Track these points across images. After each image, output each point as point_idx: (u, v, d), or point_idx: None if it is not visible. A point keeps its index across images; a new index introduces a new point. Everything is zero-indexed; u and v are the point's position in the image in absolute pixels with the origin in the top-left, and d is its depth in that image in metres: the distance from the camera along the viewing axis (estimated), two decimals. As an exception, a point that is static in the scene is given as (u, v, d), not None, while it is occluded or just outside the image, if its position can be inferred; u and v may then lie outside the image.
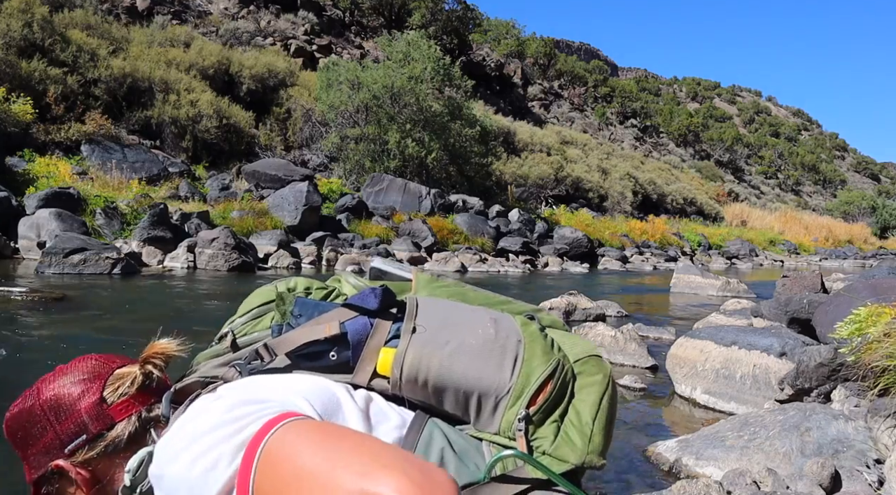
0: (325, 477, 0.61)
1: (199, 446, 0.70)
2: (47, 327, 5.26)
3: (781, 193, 49.81)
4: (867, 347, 2.85)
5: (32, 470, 0.92)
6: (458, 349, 0.85)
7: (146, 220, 10.46)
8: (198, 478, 0.68)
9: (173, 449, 0.72)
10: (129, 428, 0.89)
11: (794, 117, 76.81)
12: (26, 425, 0.92)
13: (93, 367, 0.95)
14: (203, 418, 0.73)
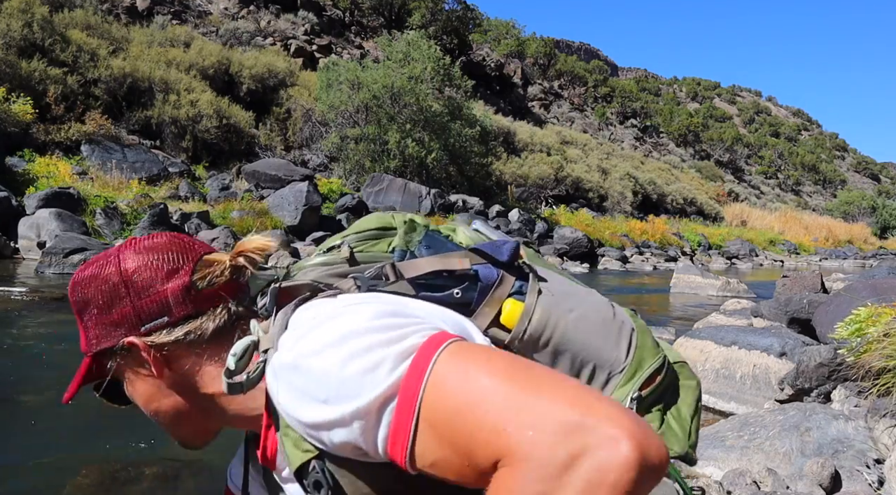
0: (527, 404, 0.58)
1: (354, 346, 0.66)
2: (47, 327, 5.26)
3: (781, 193, 49.81)
4: (867, 347, 2.85)
5: (95, 340, 0.86)
6: (582, 318, 0.86)
7: (146, 220, 10.46)
8: (352, 378, 0.65)
9: (316, 344, 0.69)
10: (215, 320, 0.84)
11: (794, 117, 76.82)
12: (102, 292, 0.84)
13: (180, 247, 0.87)
14: (349, 319, 0.70)
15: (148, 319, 0.83)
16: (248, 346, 0.78)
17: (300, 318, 0.76)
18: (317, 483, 0.74)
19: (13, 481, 2.58)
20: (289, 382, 0.70)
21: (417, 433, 0.63)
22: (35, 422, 3.20)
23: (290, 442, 0.75)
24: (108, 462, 2.74)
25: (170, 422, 0.89)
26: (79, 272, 0.87)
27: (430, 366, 0.63)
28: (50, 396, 3.61)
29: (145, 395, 0.87)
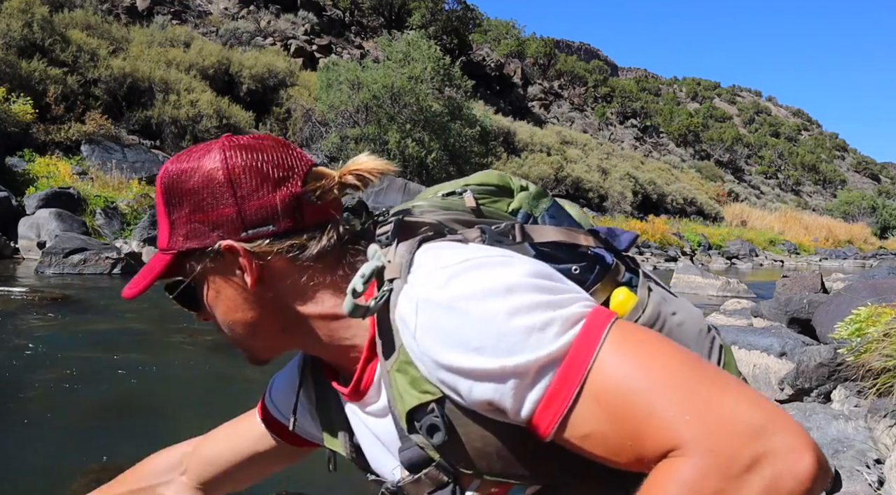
0: (713, 398, 0.58)
1: (520, 300, 0.64)
2: (47, 327, 5.26)
3: (781, 193, 49.81)
4: (867, 347, 2.85)
5: (184, 238, 0.78)
6: (683, 324, 0.85)
7: (146, 220, 10.46)
8: (516, 333, 0.63)
9: (476, 289, 0.66)
10: (322, 238, 0.78)
11: (794, 117, 76.82)
12: (203, 188, 0.77)
13: (290, 154, 0.80)
14: (509, 271, 0.67)
15: (251, 225, 0.77)
16: (374, 271, 0.74)
17: (431, 257, 0.73)
18: (432, 426, 0.71)
19: (12, 481, 2.58)
20: (435, 321, 0.67)
21: (577, 402, 0.62)
22: (35, 423, 3.20)
23: (405, 380, 0.72)
24: (108, 462, 2.74)
25: (245, 335, 0.84)
26: (175, 162, 0.80)
27: (602, 338, 0.62)
28: (50, 397, 3.61)
29: (228, 304, 0.81)
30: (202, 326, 5.88)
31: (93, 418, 3.35)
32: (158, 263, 0.81)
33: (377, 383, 0.79)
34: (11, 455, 2.80)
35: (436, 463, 0.75)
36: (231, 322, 0.82)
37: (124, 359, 4.48)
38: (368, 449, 0.89)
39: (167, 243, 0.80)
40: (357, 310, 0.73)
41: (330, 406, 0.93)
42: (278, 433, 1.04)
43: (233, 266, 0.78)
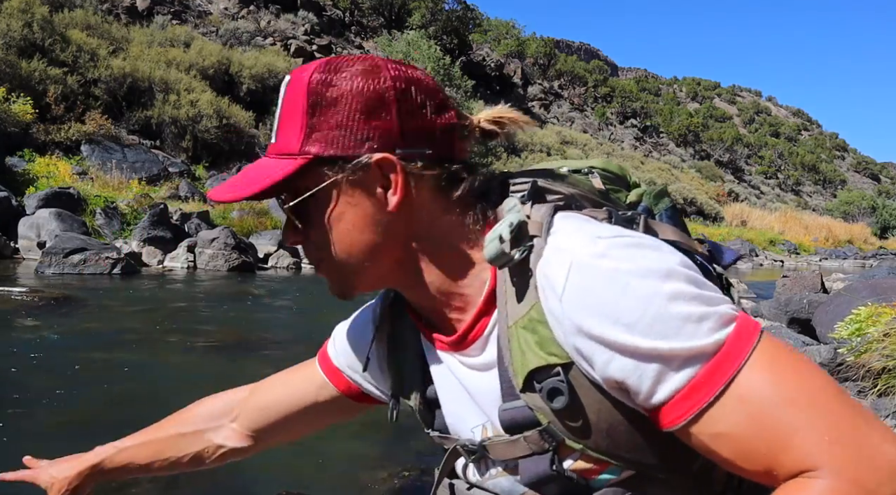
0: (861, 430, 0.58)
1: (680, 287, 0.64)
2: (47, 327, 5.26)
3: (781, 193, 49.80)
4: (867, 347, 2.85)
5: (325, 143, 0.73)
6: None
7: (146, 220, 10.46)
8: (673, 319, 0.63)
9: (639, 265, 0.65)
10: (469, 177, 0.77)
11: (794, 117, 76.82)
12: (366, 93, 0.73)
13: (439, 85, 0.79)
14: (667, 257, 0.67)
15: (408, 144, 0.73)
16: (519, 223, 0.72)
17: (573, 225, 0.73)
18: (555, 390, 0.70)
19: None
20: (589, 287, 0.66)
21: (719, 399, 0.62)
22: (35, 423, 3.20)
23: (533, 339, 0.70)
24: (108, 462, 2.74)
25: (357, 261, 0.76)
26: (328, 65, 0.76)
27: (754, 343, 0.63)
28: (50, 396, 3.61)
29: (356, 222, 0.75)
30: (202, 326, 5.91)
31: (93, 418, 3.35)
32: (280, 168, 0.73)
33: (487, 336, 0.77)
34: (11, 454, 2.80)
35: (542, 427, 0.73)
36: (350, 243, 0.75)
37: (124, 358, 4.48)
38: (449, 403, 0.86)
39: (299, 147, 0.73)
40: (500, 258, 0.71)
41: (406, 356, 0.90)
42: (338, 384, 1.01)
43: (376, 182, 0.73)
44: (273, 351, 5.14)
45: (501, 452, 0.78)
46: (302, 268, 11.18)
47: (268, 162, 0.76)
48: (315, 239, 0.77)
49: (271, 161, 0.76)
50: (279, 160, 0.75)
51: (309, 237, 0.78)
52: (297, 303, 7.74)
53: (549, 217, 0.74)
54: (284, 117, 0.77)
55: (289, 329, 6.34)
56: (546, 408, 0.71)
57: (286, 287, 9.29)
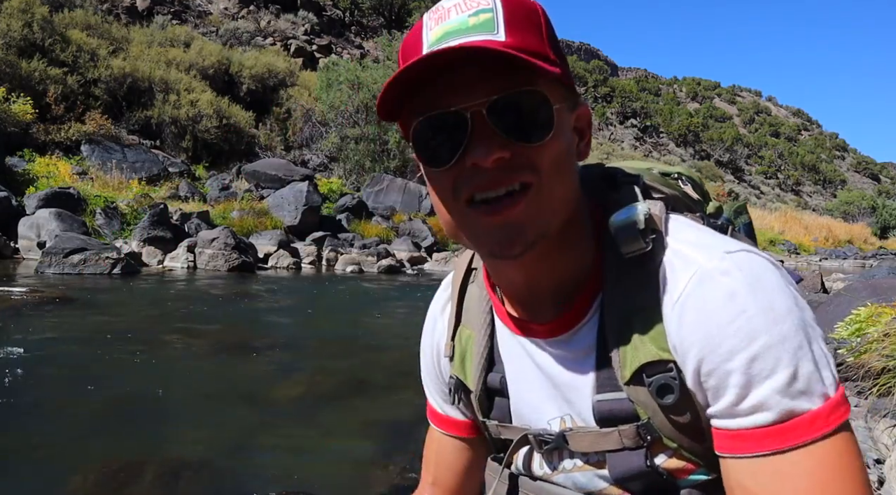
0: None
1: (807, 322, 0.64)
2: (47, 327, 5.26)
3: (781, 193, 49.81)
4: (867, 347, 2.85)
5: (565, 71, 0.70)
6: None
7: (146, 220, 10.46)
8: (792, 349, 0.62)
9: (762, 295, 0.64)
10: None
11: (794, 117, 76.83)
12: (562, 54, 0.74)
13: None
14: (782, 287, 0.66)
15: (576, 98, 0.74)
16: (649, 213, 0.72)
17: (691, 230, 0.73)
18: (666, 386, 0.68)
19: (13, 481, 2.58)
20: (708, 300, 0.65)
21: (793, 451, 0.62)
22: (35, 423, 3.20)
23: (648, 332, 0.69)
24: (108, 462, 2.74)
25: (568, 189, 0.70)
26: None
27: (840, 425, 0.63)
28: (50, 396, 3.61)
29: (570, 153, 0.71)
30: (202, 326, 5.90)
31: (93, 418, 3.35)
32: (542, 64, 0.64)
33: (585, 323, 0.75)
34: (12, 454, 2.80)
35: (642, 422, 0.71)
36: (567, 170, 0.70)
37: (124, 358, 4.48)
38: (523, 391, 0.83)
39: (553, 57, 0.68)
40: (634, 244, 0.70)
41: (470, 345, 0.87)
42: (464, 432, 0.96)
43: (571, 126, 0.72)
44: (273, 351, 5.14)
45: (588, 444, 0.76)
46: (302, 268, 11.18)
47: (504, 51, 0.63)
48: (532, 157, 0.66)
49: (512, 51, 0.63)
50: (528, 57, 0.63)
51: (521, 154, 0.66)
52: (297, 303, 7.74)
53: (666, 215, 0.75)
54: (516, 19, 0.66)
55: (289, 329, 6.33)
56: (651, 404, 0.70)
57: (286, 287, 9.29)
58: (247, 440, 3.16)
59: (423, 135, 0.69)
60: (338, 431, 3.37)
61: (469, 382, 0.87)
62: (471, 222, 0.69)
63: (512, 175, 0.66)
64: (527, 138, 0.66)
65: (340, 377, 4.48)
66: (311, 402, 3.87)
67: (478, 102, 0.65)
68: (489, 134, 0.65)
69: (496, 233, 0.67)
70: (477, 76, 0.65)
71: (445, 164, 0.68)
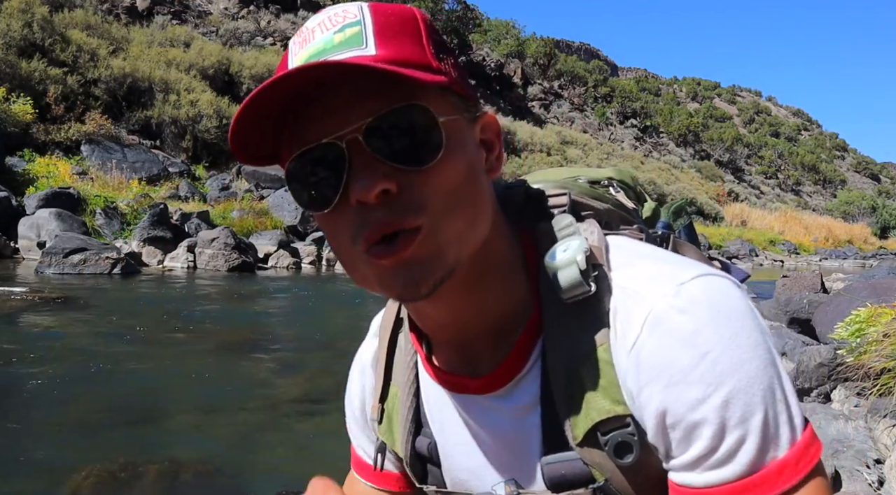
0: None
1: (763, 375, 0.57)
2: (47, 327, 5.26)
3: (781, 193, 49.81)
4: (867, 348, 2.85)
5: (456, 77, 0.62)
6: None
7: (146, 220, 10.46)
8: (747, 407, 0.57)
9: (724, 331, 0.58)
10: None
11: (794, 117, 76.85)
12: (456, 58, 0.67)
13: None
14: (747, 311, 0.60)
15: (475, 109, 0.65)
16: (588, 247, 0.64)
17: (635, 254, 0.66)
18: (624, 445, 0.62)
19: (13, 481, 2.58)
20: (666, 345, 0.59)
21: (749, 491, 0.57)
22: (35, 422, 3.20)
23: (600, 384, 0.62)
24: (108, 462, 2.74)
25: (469, 218, 0.60)
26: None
27: (810, 470, 0.58)
28: (50, 396, 3.61)
29: (468, 173, 0.61)
30: (202, 326, 5.90)
31: (93, 418, 3.34)
32: (425, 75, 0.57)
33: (525, 374, 0.67)
34: (12, 454, 2.80)
35: (598, 485, 0.64)
36: (464, 189, 0.60)
37: (124, 358, 4.48)
38: (460, 455, 0.75)
39: (436, 64, 0.60)
40: (577, 288, 0.62)
41: (396, 403, 0.79)
42: (387, 483, 0.87)
43: (475, 140, 0.64)
44: (273, 351, 5.14)
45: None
46: (302, 268, 11.18)
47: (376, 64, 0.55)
48: (424, 183, 0.58)
49: (382, 65, 0.55)
50: (402, 68, 0.56)
51: (410, 182, 0.57)
52: (297, 303, 7.74)
53: (605, 243, 0.67)
54: (388, 29, 0.59)
55: (289, 329, 6.33)
56: (608, 465, 0.63)
57: (286, 287, 9.29)
58: (247, 440, 3.16)
59: (298, 175, 0.60)
60: (338, 431, 3.37)
61: (398, 449, 0.79)
62: (374, 270, 0.60)
63: (398, 218, 0.57)
64: (414, 161, 0.57)
65: (340, 377, 4.47)
66: (311, 402, 3.87)
67: (352, 128, 0.56)
68: (369, 162, 0.56)
69: (398, 274, 0.59)
70: (350, 99, 0.57)
71: (329, 206, 0.59)
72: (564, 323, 0.65)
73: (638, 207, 0.86)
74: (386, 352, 0.81)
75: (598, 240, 0.66)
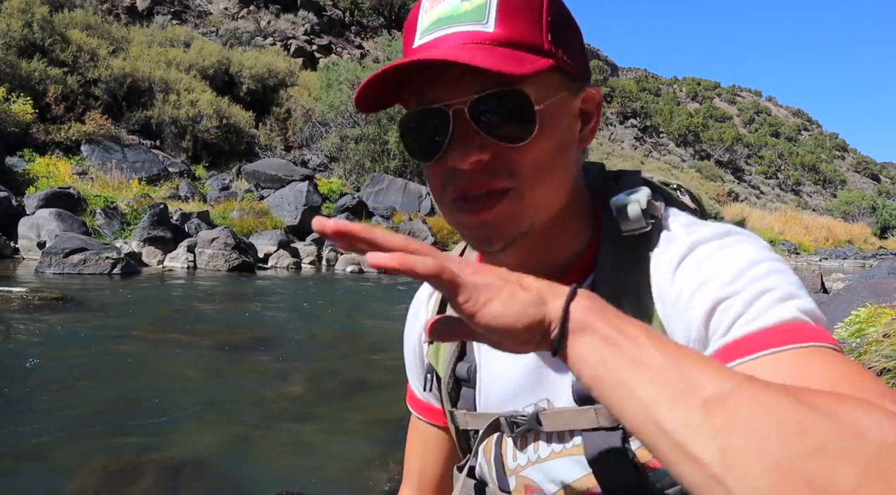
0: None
1: (781, 267, 0.64)
2: (47, 327, 5.26)
3: (781, 193, 49.80)
4: (867, 348, 2.85)
5: (569, 57, 0.68)
6: None
7: (146, 220, 10.46)
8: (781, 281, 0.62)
9: (752, 250, 0.65)
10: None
11: (794, 117, 76.83)
12: (579, 32, 0.75)
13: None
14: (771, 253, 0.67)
15: (588, 78, 0.74)
16: (650, 196, 0.73)
17: (688, 218, 0.74)
18: None
19: (13, 481, 2.58)
20: (707, 257, 0.66)
21: (814, 347, 0.58)
22: (35, 422, 3.20)
23: (639, 309, 0.68)
24: (108, 462, 2.74)
25: (553, 187, 0.69)
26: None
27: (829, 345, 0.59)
28: (50, 396, 3.61)
29: (561, 145, 0.69)
30: (202, 326, 5.90)
31: (93, 418, 3.35)
32: (527, 60, 0.63)
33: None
34: (12, 453, 2.80)
35: None
36: (553, 167, 0.68)
37: (124, 358, 4.48)
38: (499, 379, 0.81)
39: (548, 46, 0.65)
40: (636, 222, 0.71)
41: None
42: (440, 420, 0.95)
43: (574, 113, 0.71)
44: (273, 351, 5.14)
45: (562, 423, 0.73)
46: (302, 268, 11.18)
47: (490, 47, 0.63)
48: (515, 157, 0.65)
49: (492, 48, 0.63)
50: (515, 51, 0.63)
51: (503, 155, 0.65)
52: (297, 303, 7.74)
53: (665, 208, 0.75)
54: (511, 4, 0.64)
55: (289, 329, 6.33)
56: None
57: (286, 287, 9.29)
58: (247, 440, 3.16)
59: (409, 129, 0.69)
60: (338, 431, 3.37)
61: (440, 370, 0.87)
62: (456, 218, 0.69)
63: (490, 180, 0.65)
64: (507, 139, 0.64)
65: (340, 377, 4.48)
66: (311, 402, 3.87)
67: (460, 100, 0.64)
68: (470, 133, 0.64)
69: (475, 230, 0.68)
70: (462, 74, 0.62)
71: (431, 160, 0.68)
72: (616, 259, 0.72)
73: (699, 214, 0.91)
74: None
75: (659, 201, 0.74)
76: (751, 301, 0.61)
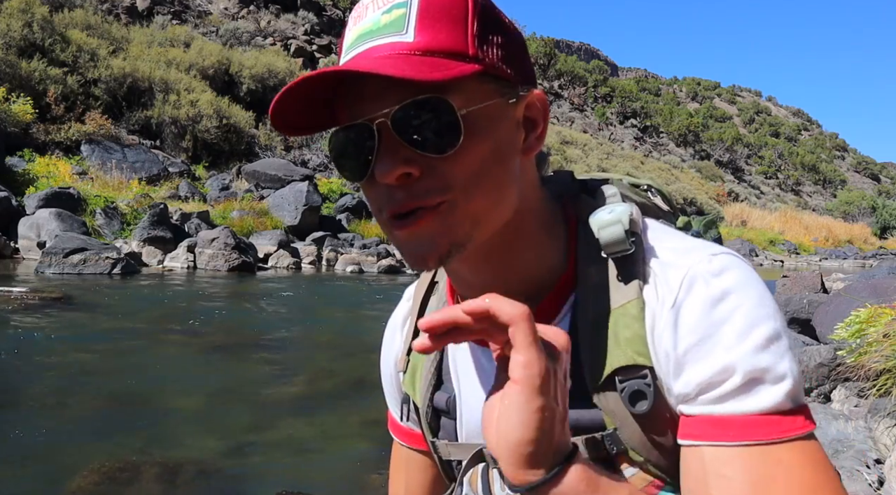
0: None
1: (779, 330, 0.63)
2: (47, 327, 5.26)
3: (781, 193, 49.80)
4: (866, 348, 2.85)
5: (500, 60, 0.65)
6: None
7: (146, 220, 10.46)
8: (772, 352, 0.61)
9: (751, 294, 0.64)
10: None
11: (794, 117, 76.84)
12: (513, 31, 0.71)
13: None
14: (764, 286, 0.66)
15: (531, 84, 0.71)
16: (631, 215, 0.70)
17: (671, 234, 0.72)
18: (639, 393, 0.65)
19: (14, 480, 2.58)
20: (725, 291, 0.64)
21: (765, 446, 0.60)
22: (35, 422, 3.20)
23: (625, 334, 0.66)
24: (108, 461, 2.74)
25: (491, 199, 0.65)
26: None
27: (801, 435, 0.61)
28: (50, 396, 3.61)
29: (497, 154, 0.65)
30: (202, 326, 5.90)
31: (92, 418, 3.35)
32: (448, 66, 0.60)
33: (560, 322, 0.71)
34: (12, 454, 2.80)
35: (607, 432, 0.67)
36: (489, 177, 0.64)
37: (124, 358, 4.48)
38: (480, 406, 0.77)
39: (473, 51, 0.63)
40: (618, 244, 0.68)
41: (421, 358, 0.84)
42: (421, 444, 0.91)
43: (519, 119, 0.68)
44: (273, 351, 5.14)
45: None
46: (302, 268, 11.18)
47: (408, 57, 0.61)
48: (445, 169, 0.62)
49: (409, 58, 0.61)
50: (435, 59, 0.61)
51: (431, 167, 0.62)
52: (297, 303, 7.74)
53: (643, 220, 0.73)
54: (431, 13, 0.63)
55: (289, 329, 6.33)
56: (622, 411, 0.66)
57: (286, 287, 9.29)
58: (247, 440, 3.16)
59: (336, 147, 0.67)
60: (338, 431, 3.38)
61: (417, 400, 0.84)
62: (392, 236, 0.67)
63: (423, 198, 0.62)
64: (434, 149, 0.61)
65: (340, 377, 4.48)
66: (311, 402, 3.87)
67: (383, 113, 0.61)
68: (395, 146, 0.61)
69: (408, 245, 0.65)
70: (382, 87, 0.61)
71: (362, 178, 0.66)
72: (597, 279, 0.70)
73: (672, 215, 0.90)
74: (418, 310, 0.86)
75: (637, 214, 0.71)
76: (741, 381, 0.61)
